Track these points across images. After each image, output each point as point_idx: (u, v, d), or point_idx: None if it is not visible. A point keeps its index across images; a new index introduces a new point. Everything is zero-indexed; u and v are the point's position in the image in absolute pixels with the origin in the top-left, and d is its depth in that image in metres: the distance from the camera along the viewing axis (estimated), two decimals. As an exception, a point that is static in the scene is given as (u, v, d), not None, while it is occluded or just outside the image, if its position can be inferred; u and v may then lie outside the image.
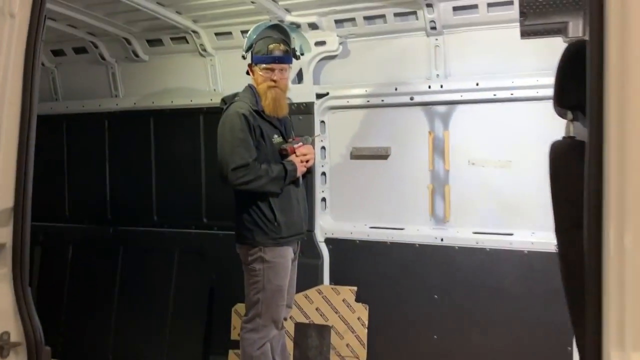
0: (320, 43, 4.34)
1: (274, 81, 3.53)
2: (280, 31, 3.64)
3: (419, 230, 4.28)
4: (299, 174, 3.62)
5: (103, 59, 5.07)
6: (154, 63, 5.03)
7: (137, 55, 4.97)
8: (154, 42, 4.92)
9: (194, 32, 4.60)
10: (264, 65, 3.53)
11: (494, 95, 4.03)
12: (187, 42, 4.76)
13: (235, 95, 3.66)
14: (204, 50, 4.72)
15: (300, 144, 3.65)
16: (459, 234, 4.17)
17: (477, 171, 4.14)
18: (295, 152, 3.62)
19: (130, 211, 5.16)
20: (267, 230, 3.50)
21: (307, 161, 3.66)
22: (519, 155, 4.02)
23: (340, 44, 4.35)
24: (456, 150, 4.18)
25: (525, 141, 3.95)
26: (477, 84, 4.05)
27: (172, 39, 4.80)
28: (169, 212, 5.03)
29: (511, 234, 4.02)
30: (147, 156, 5.07)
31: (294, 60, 3.70)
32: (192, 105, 4.86)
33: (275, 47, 3.52)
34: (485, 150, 4.12)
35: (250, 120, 3.44)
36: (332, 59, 4.44)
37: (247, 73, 3.68)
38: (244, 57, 3.64)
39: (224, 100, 3.72)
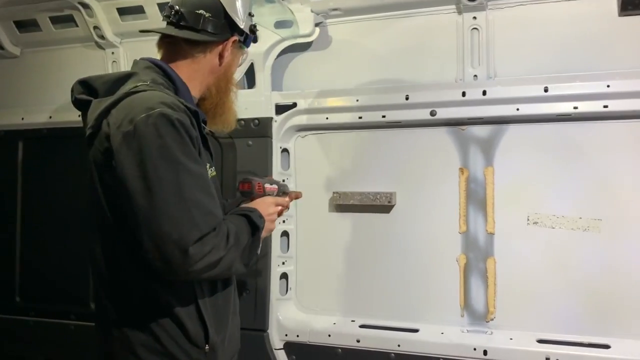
0: (284, 24, 2.67)
1: None
2: None
3: (443, 334, 2.58)
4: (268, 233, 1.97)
5: (-51, 53, 3.34)
6: (28, 59, 3.30)
7: (1, 47, 3.26)
8: (26, 26, 3.22)
9: (84, 5, 2.90)
10: (247, 50, 1.95)
11: (574, 108, 2.43)
12: (77, 25, 3.06)
13: (127, 76, 1.69)
14: (102, 37, 3.04)
15: (270, 185, 2.02)
16: (514, 343, 2.48)
17: (542, 236, 2.51)
18: (263, 191, 1.97)
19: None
20: None
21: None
22: (616, 210, 2.41)
23: (317, 25, 2.71)
24: (506, 201, 2.56)
25: (627, 187, 2.39)
26: (546, 90, 2.42)
27: (52, 19, 3.10)
28: (38, 291, 3.25)
29: (607, 347, 2.37)
30: (10, 199, 3.32)
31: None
32: (80, 122, 3.07)
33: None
34: (556, 201, 2.50)
35: (190, 131, 1.58)
36: (304, 50, 2.81)
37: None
38: (251, 31, 1.89)
39: (87, 85, 1.73)
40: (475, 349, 2.48)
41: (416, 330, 2.61)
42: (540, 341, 2.45)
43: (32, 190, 3.28)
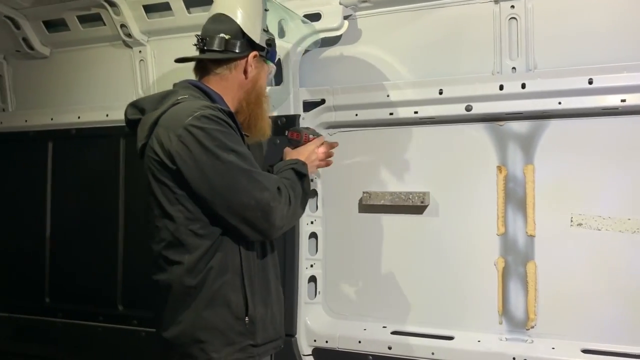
0: (312, 17, 2.57)
1: None
2: None
3: (480, 343, 2.43)
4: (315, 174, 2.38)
5: (-16, 53, 3.35)
6: (57, 59, 3.28)
7: (31, 48, 3.23)
8: (55, 26, 3.20)
9: (111, 3, 2.86)
10: (273, 65, 2.18)
11: (622, 101, 2.25)
12: (104, 23, 3.03)
13: (169, 94, 1.95)
14: (129, 35, 2.99)
15: (312, 136, 2.25)
16: (556, 352, 2.32)
17: (586, 238, 2.33)
18: (308, 141, 2.21)
19: (11, 288, 3.37)
20: (233, 336, 1.82)
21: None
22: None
23: (346, 18, 2.59)
24: (547, 201, 2.39)
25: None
26: (590, 82, 2.25)
27: (80, 18, 3.07)
28: (67, 292, 3.21)
29: (660, 359, 2.17)
30: (41, 200, 3.30)
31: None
32: (108, 122, 3.08)
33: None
34: (602, 201, 2.32)
35: (230, 123, 1.87)
36: (332, 44, 2.69)
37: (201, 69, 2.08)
38: (269, 45, 2.10)
39: (137, 107, 1.99)
40: (514, 359, 2.33)
41: (451, 338, 2.47)
42: (585, 351, 2.28)
43: (62, 190, 3.26)
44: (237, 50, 1.99)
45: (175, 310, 1.82)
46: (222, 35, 1.97)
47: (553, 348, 2.32)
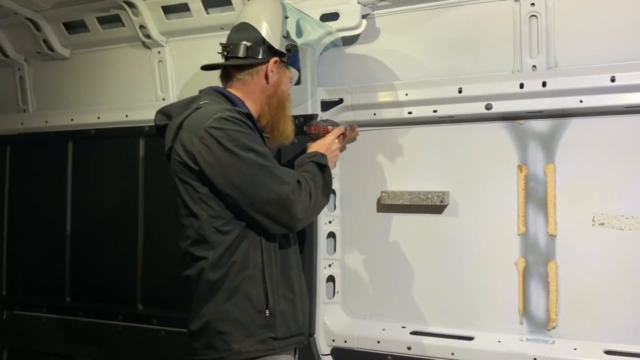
0: (330, 17, 2.56)
1: None
2: None
3: (500, 343, 2.40)
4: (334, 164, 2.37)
5: (6, 55, 3.36)
6: (77, 61, 3.31)
7: (52, 50, 3.25)
8: (74, 27, 3.22)
9: (130, 4, 2.88)
10: (295, 71, 2.30)
11: (647, 98, 2.20)
12: (123, 24, 3.04)
13: (193, 99, 2.07)
14: (148, 36, 3.00)
15: (331, 127, 2.39)
16: (578, 353, 2.28)
17: (609, 238, 2.29)
18: (326, 133, 2.35)
19: (32, 287, 3.40)
20: (254, 328, 1.90)
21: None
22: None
23: (364, 17, 2.57)
24: (569, 200, 2.36)
25: None
26: (612, 79, 2.22)
27: (99, 20, 3.09)
28: (88, 291, 3.25)
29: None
30: (61, 200, 3.33)
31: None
32: (128, 122, 3.10)
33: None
34: (625, 200, 2.28)
35: (247, 123, 1.97)
36: (350, 43, 2.67)
37: (223, 75, 2.21)
38: (288, 50, 2.21)
39: (164, 113, 2.11)
40: (535, 359, 2.30)
41: (471, 338, 2.43)
42: (608, 352, 2.23)
43: (82, 190, 3.28)
44: (258, 57, 2.08)
45: (199, 304, 1.91)
46: (244, 42, 2.07)
47: (575, 349, 2.28)
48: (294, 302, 2.02)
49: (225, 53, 2.11)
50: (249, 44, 2.07)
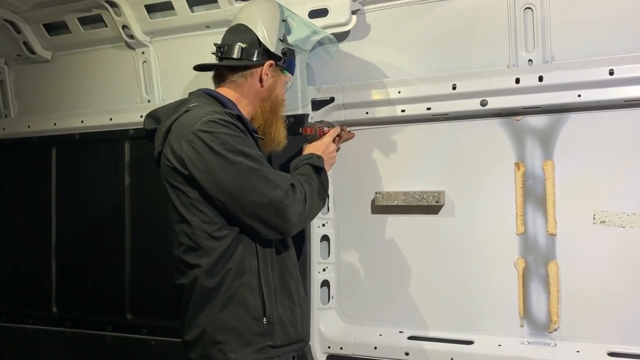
0: (319, 13, 2.48)
1: None
2: None
3: (501, 347, 2.33)
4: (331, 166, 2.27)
5: (-16, 58, 3.27)
6: (59, 63, 3.21)
7: (32, 52, 3.15)
8: (56, 28, 3.12)
9: (112, 3, 2.78)
10: (290, 76, 2.22)
11: (647, 92, 2.14)
12: (106, 25, 2.95)
13: (182, 102, 2.00)
14: (131, 37, 2.90)
15: (327, 128, 2.29)
16: (581, 356, 2.22)
17: (610, 236, 2.23)
18: (323, 133, 2.25)
19: (17, 298, 3.28)
20: (251, 337, 1.84)
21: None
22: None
23: (354, 13, 2.50)
24: (568, 198, 2.29)
25: None
26: (611, 72, 2.16)
27: (81, 20, 2.99)
28: (75, 301, 3.14)
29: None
30: (45, 207, 3.22)
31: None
32: (112, 126, 3.01)
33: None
34: (626, 197, 2.22)
35: (237, 125, 1.89)
36: (340, 40, 2.58)
37: (216, 78, 2.16)
38: (284, 54, 2.13)
39: (153, 117, 2.04)
40: (536, 363, 2.24)
41: (471, 342, 2.37)
42: (612, 354, 2.18)
43: (67, 197, 3.18)
44: (253, 59, 2.03)
45: (194, 314, 1.84)
46: (239, 44, 2.02)
47: (578, 351, 2.22)
48: (292, 309, 1.95)
49: (219, 54, 2.05)
50: (244, 45, 2.02)
